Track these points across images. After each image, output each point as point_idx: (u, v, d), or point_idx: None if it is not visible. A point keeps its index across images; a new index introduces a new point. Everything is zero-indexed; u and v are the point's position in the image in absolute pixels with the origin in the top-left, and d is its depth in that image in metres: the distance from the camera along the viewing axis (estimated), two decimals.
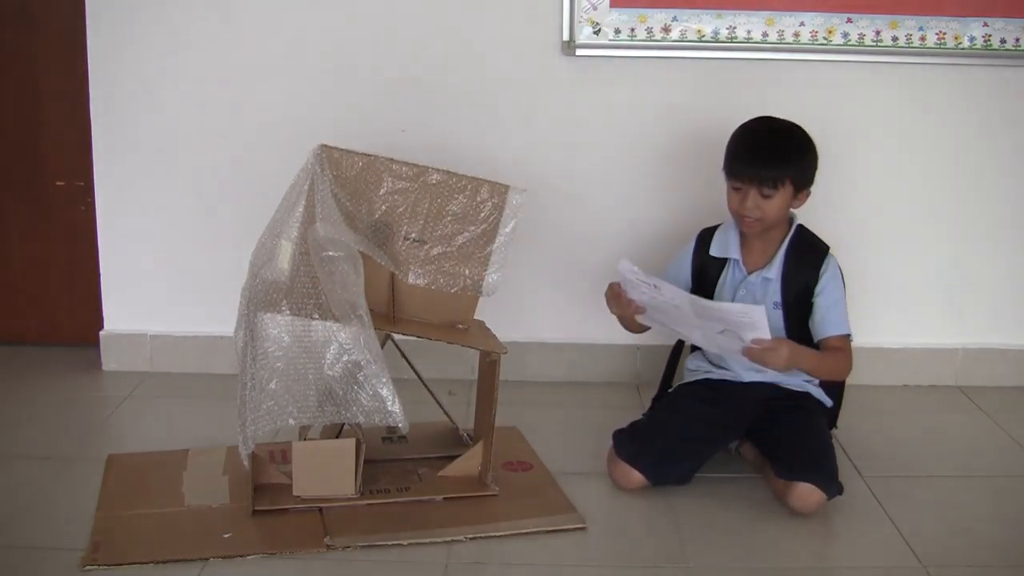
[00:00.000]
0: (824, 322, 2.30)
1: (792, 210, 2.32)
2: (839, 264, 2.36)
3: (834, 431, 2.44)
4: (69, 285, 3.09)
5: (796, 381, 2.36)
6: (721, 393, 2.37)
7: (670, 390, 2.51)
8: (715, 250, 2.38)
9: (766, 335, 2.10)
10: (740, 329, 2.11)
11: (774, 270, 2.32)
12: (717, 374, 2.41)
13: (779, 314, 2.31)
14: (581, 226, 2.87)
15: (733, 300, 2.31)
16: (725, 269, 2.37)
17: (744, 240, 2.36)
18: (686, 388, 2.45)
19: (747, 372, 2.35)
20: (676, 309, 2.18)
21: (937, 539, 2.09)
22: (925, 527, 2.14)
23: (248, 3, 2.75)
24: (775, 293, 2.32)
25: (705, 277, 2.39)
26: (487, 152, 2.75)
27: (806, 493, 2.14)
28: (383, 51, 2.77)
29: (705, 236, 2.43)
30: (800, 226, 2.36)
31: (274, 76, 2.79)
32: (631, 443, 2.28)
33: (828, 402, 2.40)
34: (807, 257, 2.32)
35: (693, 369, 2.47)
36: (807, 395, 2.37)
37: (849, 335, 2.32)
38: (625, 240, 2.85)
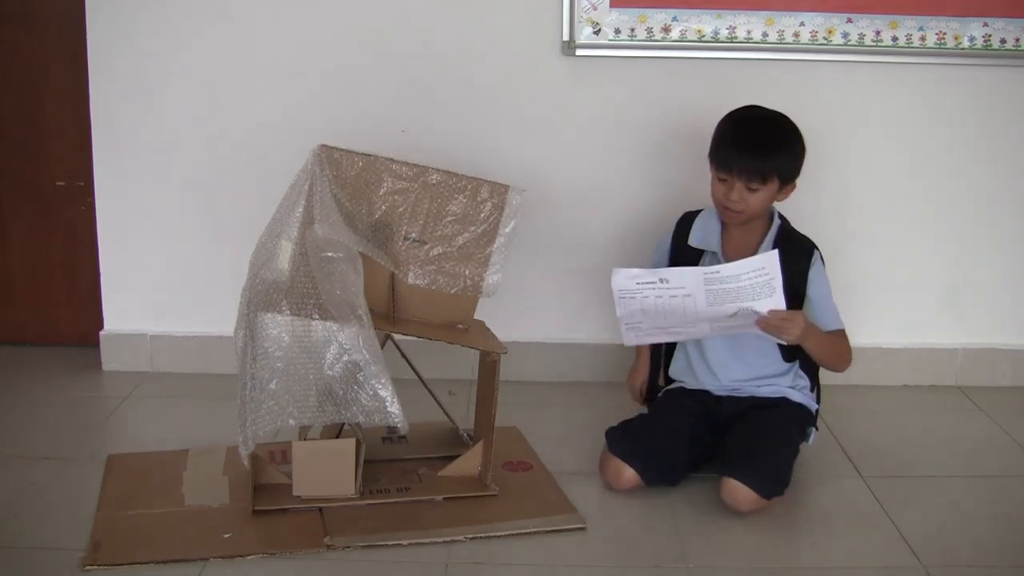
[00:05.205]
0: (823, 316, 2.27)
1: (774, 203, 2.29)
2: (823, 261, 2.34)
3: (815, 433, 2.39)
4: (69, 285, 3.09)
5: (771, 389, 2.34)
6: (702, 405, 2.35)
7: (659, 394, 2.49)
8: (695, 240, 2.34)
9: (782, 304, 2.07)
10: (756, 297, 2.07)
11: None
12: (695, 385, 2.38)
13: None
14: (581, 226, 2.87)
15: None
16: (701, 261, 2.31)
17: (725, 231, 2.32)
18: (674, 392, 2.43)
19: (722, 387, 2.34)
20: (685, 301, 2.10)
21: (937, 539, 2.09)
22: (925, 527, 2.14)
23: (248, 3, 2.75)
24: None
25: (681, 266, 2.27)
26: (487, 152, 2.75)
27: (732, 489, 2.12)
28: (383, 51, 2.77)
29: (686, 221, 2.39)
30: (784, 219, 2.34)
31: (274, 76, 2.79)
32: (624, 440, 2.28)
33: (813, 405, 2.38)
34: (793, 250, 2.27)
35: (674, 377, 2.45)
36: (783, 399, 2.34)
37: (844, 329, 2.31)
38: (625, 240, 2.84)
